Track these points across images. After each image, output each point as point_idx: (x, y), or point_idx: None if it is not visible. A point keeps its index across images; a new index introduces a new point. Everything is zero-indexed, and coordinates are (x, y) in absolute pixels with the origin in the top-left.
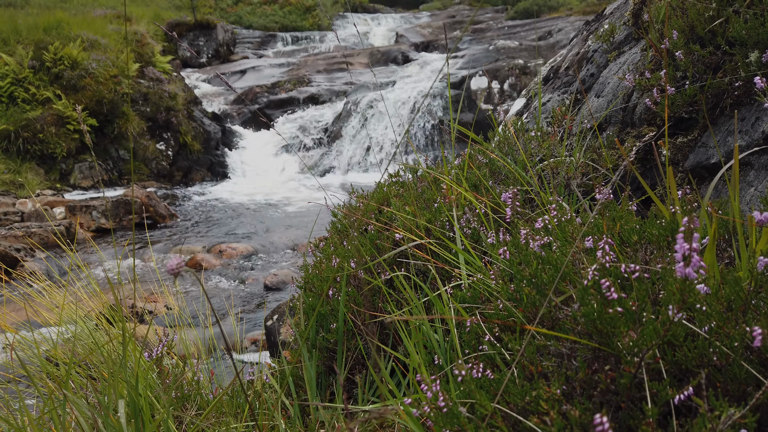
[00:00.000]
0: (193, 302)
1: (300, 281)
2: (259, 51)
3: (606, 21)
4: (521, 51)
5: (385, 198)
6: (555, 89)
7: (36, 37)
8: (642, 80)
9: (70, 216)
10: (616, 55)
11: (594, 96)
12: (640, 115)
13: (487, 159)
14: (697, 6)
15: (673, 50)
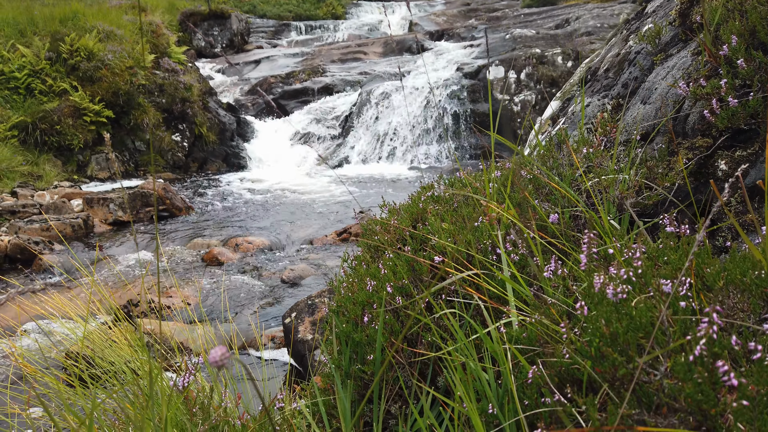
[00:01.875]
0: (210, 296)
1: (332, 304)
2: (273, 40)
3: (648, 20)
4: (538, 40)
5: (420, 213)
6: (594, 93)
7: (52, 28)
8: (697, 89)
9: (87, 208)
10: (662, 59)
11: (640, 102)
12: (693, 125)
13: (531, 175)
14: (758, 9)
15: (733, 57)
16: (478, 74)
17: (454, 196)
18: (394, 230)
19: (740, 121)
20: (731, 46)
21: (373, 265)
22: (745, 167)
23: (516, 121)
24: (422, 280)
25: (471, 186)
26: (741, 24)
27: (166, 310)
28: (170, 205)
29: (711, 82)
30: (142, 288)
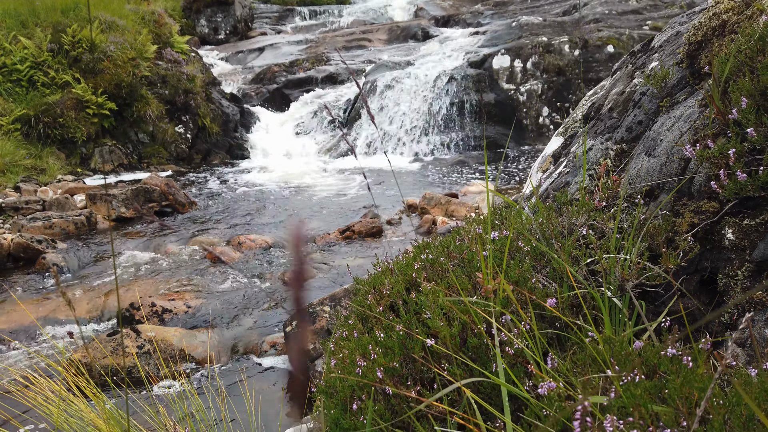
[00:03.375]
0: (212, 299)
1: (321, 384)
2: (277, 26)
3: (655, 56)
4: (545, 27)
5: (413, 279)
6: (597, 134)
7: (54, 19)
8: (704, 151)
9: (90, 204)
10: (668, 105)
11: (644, 154)
12: (699, 187)
13: (529, 246)
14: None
15: (743, 121)
16: (483, 63)
17: (450, 259)
18: (387, 294)
19: (749, 192)
20: (741, 109)
21: (364, 337)
22: (753, 238)
23: (522, 111)
24: (415, 359)
25: (467, 249)
26: (752, 83)
27: (167, 314)
28: (173, 200)
29: (718, 144)
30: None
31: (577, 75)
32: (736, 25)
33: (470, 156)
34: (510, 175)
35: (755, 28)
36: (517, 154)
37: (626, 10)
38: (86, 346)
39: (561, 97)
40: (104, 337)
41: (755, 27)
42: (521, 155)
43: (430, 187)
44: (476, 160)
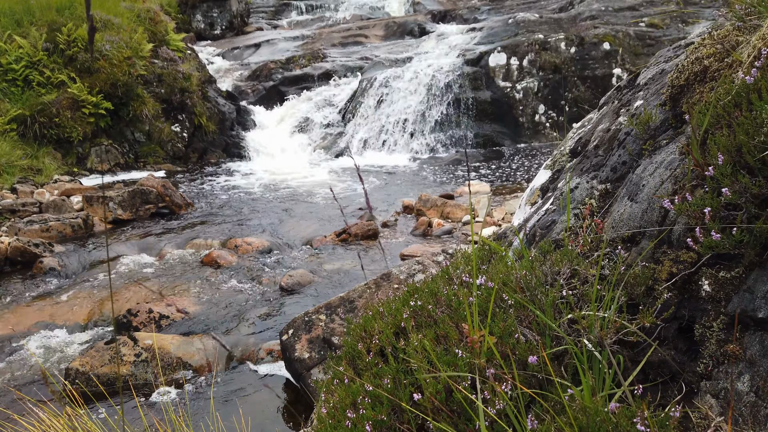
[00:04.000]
0: (209, 304)
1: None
2: (273, 21)
3: (640, 93)
4: (541, 24)
5: (401, 325)
6: (583, 172)
7: (49, 17)
8: (682, 205)
9: (87, 206)
10: (651, 149)
11: (627, 198)
12: (678, 236)
13: (513, 300)
14: (745, 125)
15: (719, 178)
16: (479, 61)
17: (438, 306)
18: (377, 340)
19: (723, 250)
20: (717, 166)
21: (353, 385)
22: (728, 290)
23: (518, 109)
24: (403, 409)
25: (455, 295)
26: (728, 139)
27: (164, 321)
28: (170, 202)
29: (696, 198)
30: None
31: (574, 72)
32: (716, 73)
33: (467, 155)
34: (506, 174)
35: (732, 84)
36: (513, 152)
37: (622, 6)
38: (85, 354)
39: (557, 94)
40: (102, 346)
41: (733, 82)
42: (517, 153)
43: (426, 186)
44: (473, 159)
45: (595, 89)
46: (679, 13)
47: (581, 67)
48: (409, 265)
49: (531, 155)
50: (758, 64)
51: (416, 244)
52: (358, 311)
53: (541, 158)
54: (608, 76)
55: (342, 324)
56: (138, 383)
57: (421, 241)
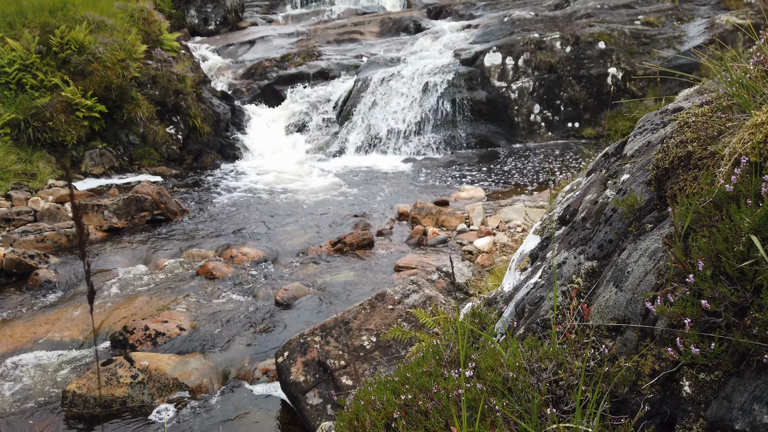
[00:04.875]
0: (205, 320)
1: None
2: (268, 15)
3: (626, 166)
4: (537, 23)
5: (392, 413)
6: (571, 245)
7: (41, 19)
8: (664, 308)
9: (82, 215)
10: (636, 232)
11: (612, 283)
12: (661, 333)
13: (500, 405)
14: (725, 232)
15: (700, 284)
16: (475, 61)
17: (428, 399)
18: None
19: (702, 362)
20: (697, 273)
21: None
22: (708, 394)
23: (513, 109)
24: None
25: (444, 389)
26: (708, 244)
27: (160, 338)
28: (165, 209)
29: (677, 301)
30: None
31: (569, 72)
32: (699, 162)
33: (461, 156)
34: (501, 176)
35: (713, 185)
36: (508, 153)
37: (618, 4)
38: (81, 376)
39: (552, 94)
40: (98, 367)
41: (713, 182)
42: (512, 153)
43: (421, 190)
44: (467, 161)
45: (590, 89)
46: (675, 10)
47: (576, 67)
48: (403, 285)
49: (526, 156)
50: (737, 171)
51: (411, 254)
52: (353, 332)
53: (536, 159)
54: (603, 75)
55: (337, 346)
56: (135, 405)
57: (416, 251)
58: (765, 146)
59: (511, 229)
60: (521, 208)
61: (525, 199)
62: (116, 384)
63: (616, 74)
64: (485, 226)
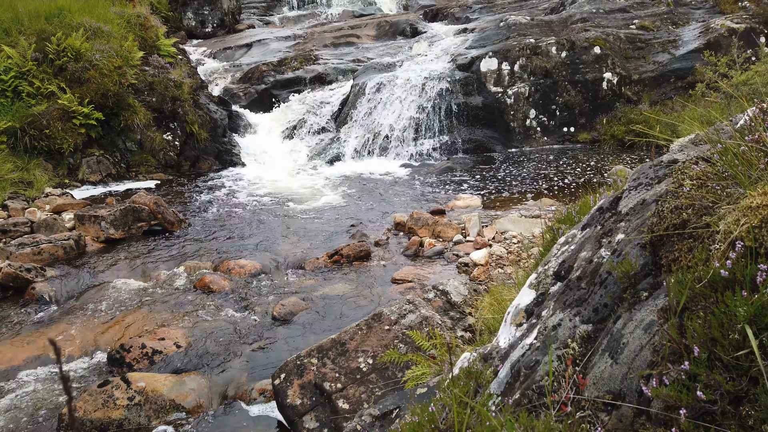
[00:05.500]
0: (201, 336)
1: None
2: (265, 17)
3: (621, 224)
4: (532, 27)
5: None
6: (566, 305)
7: (38, 26)
8: (659, 391)
9: (79, 225)
10: (631, 300)
11: (608, 354)
12: (656, 413)
13: None
14: (720, 317)
15: (695, 372)
16: (471, 66)
17: None
18: None
19: None
20: (693, 358)
21: None
22: None
23: (509, 114)
24: None
25: None
26: (704, 328)
27: (157, 356)
28: (162, 219)
29: (672, 385)
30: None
31: (564, 77)
32: (694, 231)
33: (458, 161)
34: (497, 183)
35: (709, 266)
36: (504, 158)
37: (613, 8)
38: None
39: (548, 99)
40: (95, 389)
41: (710, 262)
42: (508, 158)
43: (418, 198)
44: (464, 167)
45: (585, 94)
46: (670, 14)
47: (572, 72)
48: (399, 305)
49: (522, 161)
50: (732, 255)
51: (408, 267)
52: (350, 354)
53: (530, 165)
54: (599, 80)
55: (334, 368)
56: (131, 428)
57: (412, 262)
58: (760, 231)
59: (507, 240)
60: (517, 218)
61: (521, 207)
62: (113, 406)
63: (611, 79)
64: (481, 237)
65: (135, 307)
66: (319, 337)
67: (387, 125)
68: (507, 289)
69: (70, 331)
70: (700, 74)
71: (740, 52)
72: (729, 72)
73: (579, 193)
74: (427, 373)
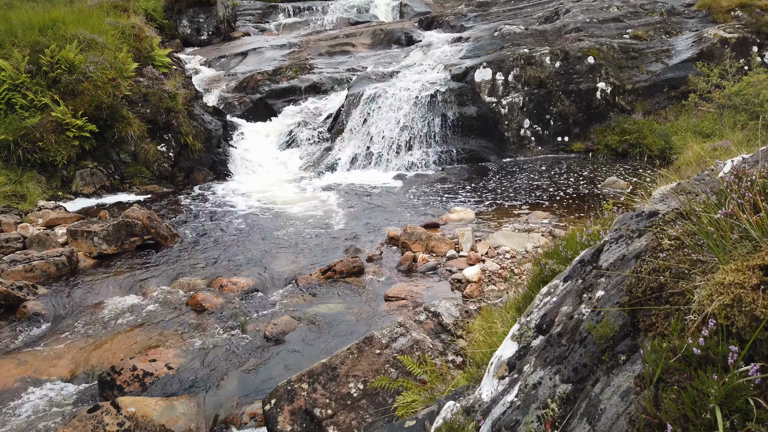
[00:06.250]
0: (193, 357)
1: None
2: (260, 24)
3: (601, 280)
4: (526, 37)
5: None
6: (547, 363)
7: (32, 38)
8: None
9: (71, 241)
10: (609, 363)
11: (586, 420)
12: None
13: None
14: (693, 395)
15: None
16: (465, 76)
17: None
18: None
19: None
20: None
21: None
22: None
23: (504, 124)
24: None
25: None
26: (677, 406)
27: (148, 378)
28: (155, 234)
29: None
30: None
31: (558, 87)
32: (670, 297)
33: (452, 172)
34: (490, 194)
35: (683, 340)
36: (498, 168)
37: (607, 17)
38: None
39: (542, 109)
40: (84, 414)
41: (685, 333)
42: (502, 169)
43: (411, 211)
44: (458, 177)
45: (579, 103)
46: (663, 24)
47: (566, 82)
48: (390, 328)
49: (515, 171)
50: (705, 333)
51: (401, 283)
52: (340, 379)
53: (524, 175)
54: (592, 90)
55: (324, 394)
56: None
57: (406, 279)
58: (732, 311)
59: (500, 255)
60: (510, 233)
61: (514, 220)
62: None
63: (605, 89)
64: (474, 252)
65: (127, 326)
66: (311, 358)
67: (381, 136)
68: (498, 310)
69: (61, 352)
70: (693, 84)
71: (733, 62)
72: (722, 82)
73: (572, 205)
74: (417, 401)
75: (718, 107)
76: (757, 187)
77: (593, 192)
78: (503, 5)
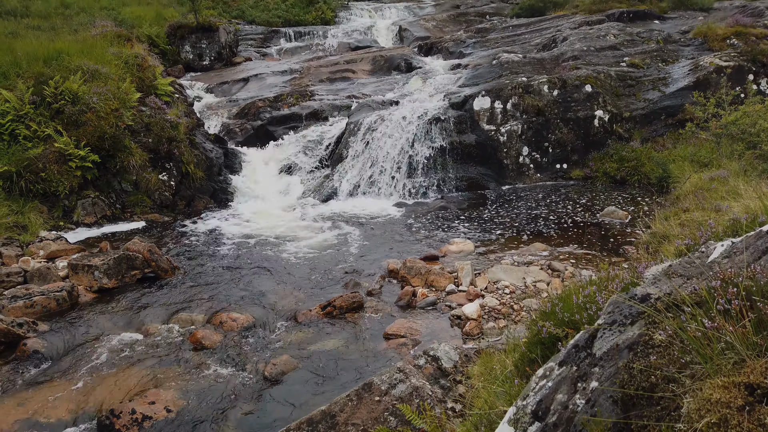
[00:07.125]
0: (192, 398)
1: None
2: (262, 48)
3: (595, 370)
4: (525, 65)
5: None
6: None
7: (36, 69)
8: None
9: (72, 274)
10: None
11: None
12: None
13: None
14: None
15: None
16: (464, 105)
17: None
18: None
19: None
20: None
21: None
22: None
23: (503, 151)
24: None
25: None
26: None
27: (147, 422)
28: (156, 267)
29: None
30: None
31: (556, 115)
32: (661, 400)
33: (452, 200)
34: (490, 224)
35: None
36: (497, 195)
37: (604, 46)
38: None
39: (540, 136)
40: None
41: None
42: (501, 196)
43: (411, 241)
44: (457, 205)
45: (577, 131)
46: (659, 52)
47: (564, 110)
48: (390, 374)
49: (513, 200)
50: None
51: (401, 320)
52: (339, 427)
53: (522, 204)
54: (590, 117)
55: None
56: None
57: (405, 314)
58: (718, 429)
59: (499, 290)
60: (509, 267)
61: (513, 252)
62: None
63: (602, 116)
64: (474, 287)
65: (127, 364)
66: (310, 400)
67: (381, 163)
68: (498, 355)
69: (61, 392)
70: (690, 113)
71: (728, 91)
72: (718, 111)
73: (571, 235)
74: None
75: (715, 136)
76: (743, 293)
77: (592, 221)
78: (501, 32)
